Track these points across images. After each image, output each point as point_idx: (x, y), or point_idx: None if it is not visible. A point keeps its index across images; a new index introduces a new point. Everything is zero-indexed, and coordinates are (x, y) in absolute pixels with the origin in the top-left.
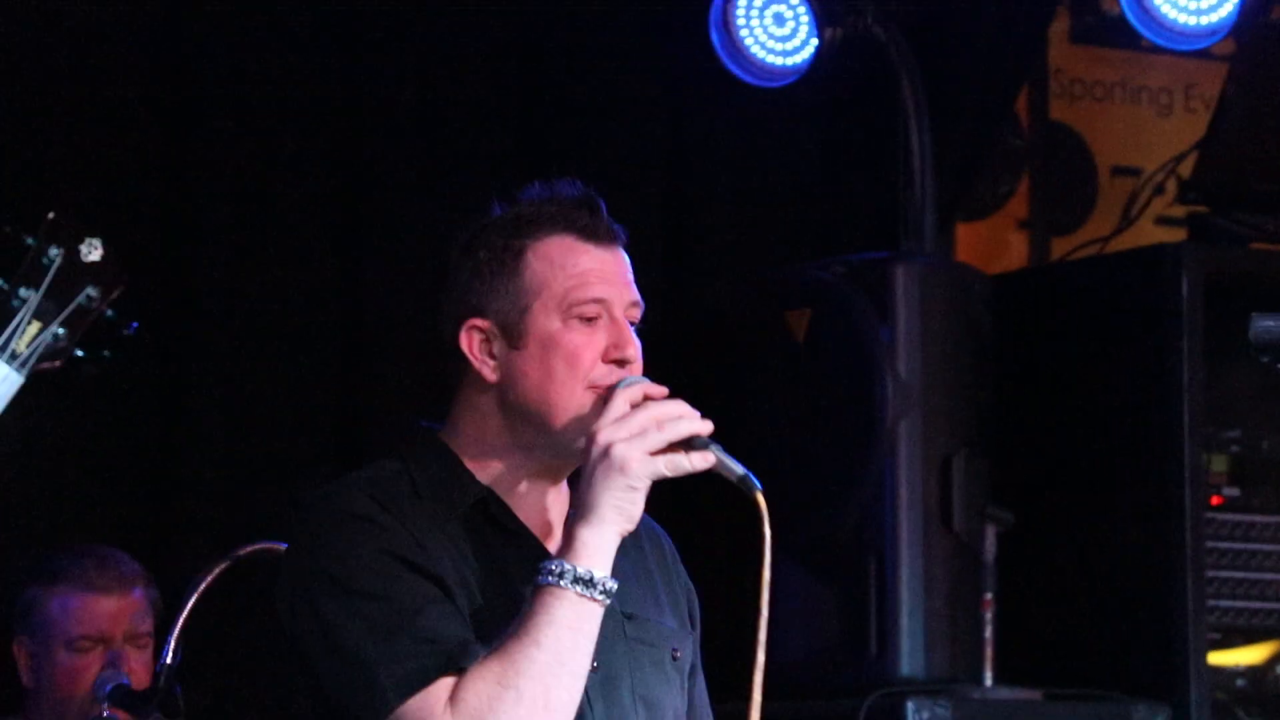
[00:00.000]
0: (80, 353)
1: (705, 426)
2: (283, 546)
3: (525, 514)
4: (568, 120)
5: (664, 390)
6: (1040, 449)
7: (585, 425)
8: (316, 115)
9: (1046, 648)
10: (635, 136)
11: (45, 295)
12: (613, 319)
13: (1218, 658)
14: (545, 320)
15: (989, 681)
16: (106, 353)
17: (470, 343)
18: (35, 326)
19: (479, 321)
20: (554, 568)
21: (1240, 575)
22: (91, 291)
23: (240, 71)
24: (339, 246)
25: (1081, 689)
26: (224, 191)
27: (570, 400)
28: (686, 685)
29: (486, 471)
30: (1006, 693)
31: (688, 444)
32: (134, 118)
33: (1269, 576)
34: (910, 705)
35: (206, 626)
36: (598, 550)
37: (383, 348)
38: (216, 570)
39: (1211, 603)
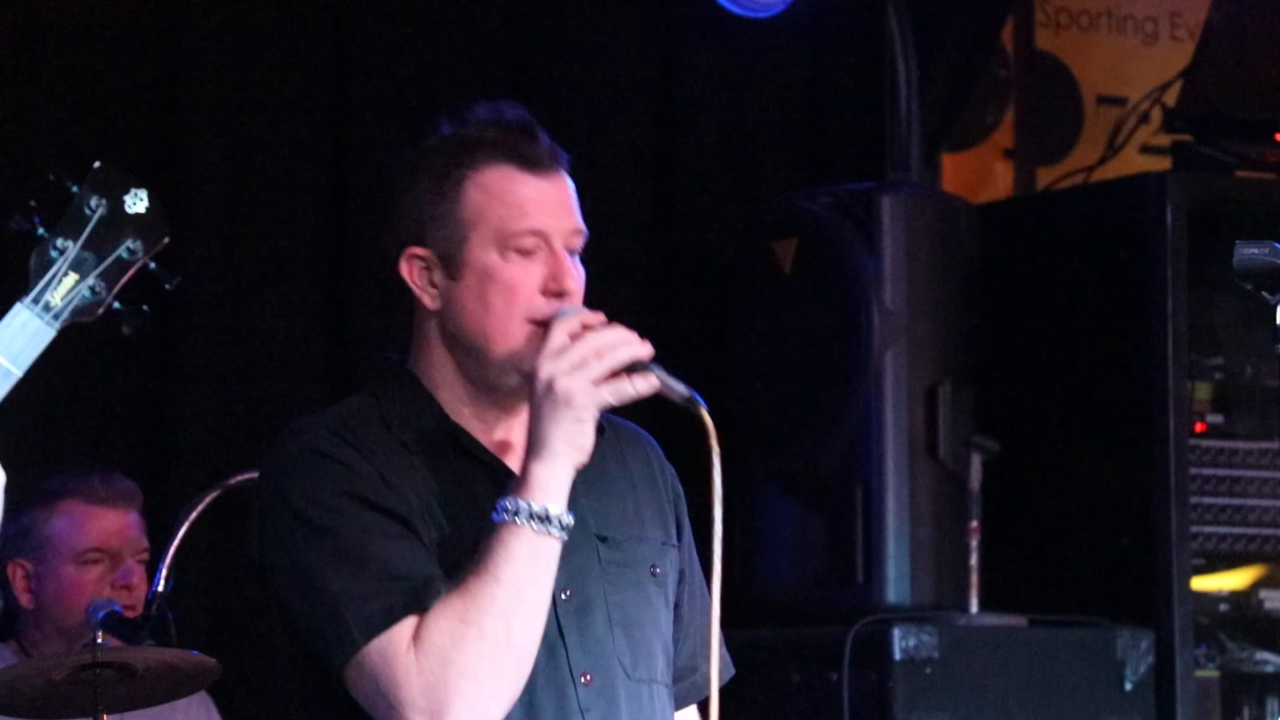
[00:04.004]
0: (118, 305)
1: (645, 350)
2: None
3: (487, 439)
4: (555, 52)
5: (601, 317)
6: (1025, 377)
7: (522, 359)
8: (304, 50)
9: (1031, 575)
10: (622, 68)
11: (84, 246)
12: (551, 250)
13: (1201, 583)
14: (482, 253)
15: (974, 608)
16: (145, 306)
17: (410, 271)
18: (72, 278)
19: (419, 250)
20: (509, 505)
21: (1223, 501)
22: (132, 244)
23: (227, 4)
24: (327, 178)
25: (1066, 615)
26: (212, 124)
27: (507, 334)
28: (672, 596)
29: (447, 396)
30: (992, 619)
31: (630, 369)
32: (121, 50)
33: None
34: (896, 632)
35: (198, 554)
36: (552, 486)
37: (372, 280)
38: (207, 499)
39: (1195, 529)
